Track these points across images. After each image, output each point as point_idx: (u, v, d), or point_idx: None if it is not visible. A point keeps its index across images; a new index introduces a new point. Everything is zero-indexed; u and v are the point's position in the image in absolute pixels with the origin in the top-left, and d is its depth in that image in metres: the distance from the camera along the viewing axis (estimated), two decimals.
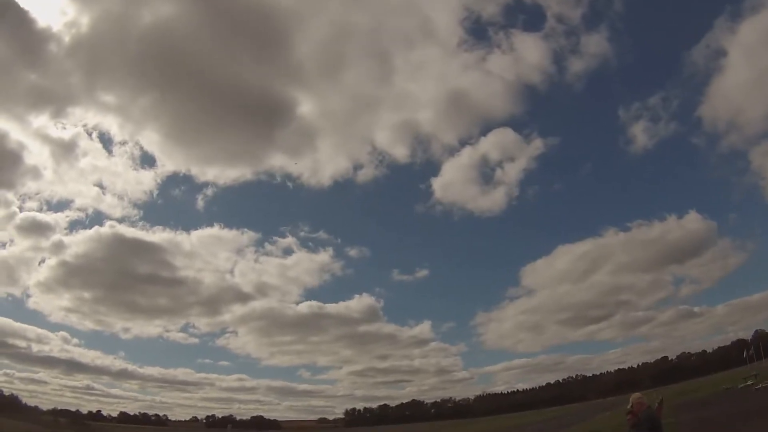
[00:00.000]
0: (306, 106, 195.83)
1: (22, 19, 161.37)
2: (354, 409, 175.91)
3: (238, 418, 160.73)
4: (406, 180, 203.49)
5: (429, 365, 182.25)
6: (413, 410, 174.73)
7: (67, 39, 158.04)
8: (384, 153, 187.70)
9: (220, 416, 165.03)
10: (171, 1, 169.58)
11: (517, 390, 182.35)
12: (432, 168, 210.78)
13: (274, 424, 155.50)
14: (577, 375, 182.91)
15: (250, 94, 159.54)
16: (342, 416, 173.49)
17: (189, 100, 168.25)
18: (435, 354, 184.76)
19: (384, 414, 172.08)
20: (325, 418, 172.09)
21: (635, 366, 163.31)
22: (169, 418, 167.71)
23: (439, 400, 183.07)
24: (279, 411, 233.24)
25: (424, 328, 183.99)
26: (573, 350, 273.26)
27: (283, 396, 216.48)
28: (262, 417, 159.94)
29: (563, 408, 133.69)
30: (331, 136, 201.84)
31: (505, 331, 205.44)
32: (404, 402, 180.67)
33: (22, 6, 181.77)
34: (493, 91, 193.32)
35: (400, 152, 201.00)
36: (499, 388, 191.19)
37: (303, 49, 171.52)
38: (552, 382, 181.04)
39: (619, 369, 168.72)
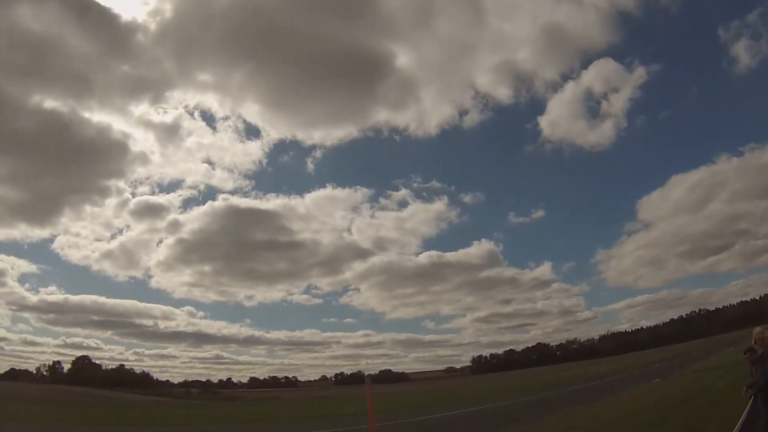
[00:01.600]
0: (403, 58, 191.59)
1: (106, 15, 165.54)
2: (480, 356, 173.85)
3: (366, 373, 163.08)
4: (513, 121, 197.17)
5: (552, 307, 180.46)
6: (539, 353, 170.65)
7: (153, 27, 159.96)
8: (487, 96, 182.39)
9: (348, 373, 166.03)
10: None
11: (641, 328, 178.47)
12: (537, 106, 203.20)
13: (402, 376, 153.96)
14: (700, 309, 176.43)
15: (345, 53, 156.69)
16: (469, 364, 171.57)
17: (284, 67, 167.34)
18: (557, 295, 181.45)
19: (510, 359, 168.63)
20: (452, 368, 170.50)
21: (758, 297, 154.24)
22: (299, 379, 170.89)
23: (564, 341, 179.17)
24: (406, 363, 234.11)
25: (544, 270, 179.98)
26: (694, 284, 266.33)
27: (409, 348, 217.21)
28: (390, 371, 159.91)
29: (688, 344, 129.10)
30: (432, 85, 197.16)
31: (625, 267, 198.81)
32: (529, 346, 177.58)
33: (103, 4, 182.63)
34: (588, 21, 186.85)
35: (503, 93, 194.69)
36: (623, 326, 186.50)
37: (391, 0, 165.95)
38: (675, 317, 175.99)
39: (742, 301, 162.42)
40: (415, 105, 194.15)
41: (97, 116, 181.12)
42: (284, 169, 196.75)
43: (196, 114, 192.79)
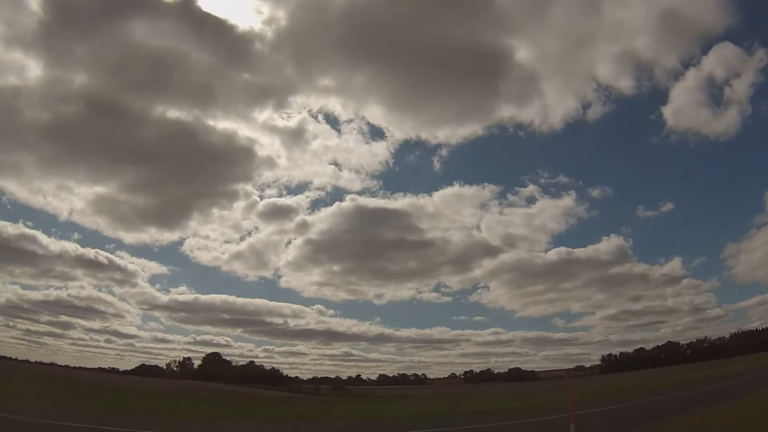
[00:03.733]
0: (522, 53, 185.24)
1: (222, 27, 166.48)
2: (610, 354, 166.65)
3: (495, 371, 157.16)
4: (636, 112, 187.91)
5: (682, 304, 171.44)
6: (668, 352, 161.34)
7: (269, 35, 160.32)
8: (609, 87, 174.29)
9: (477, 371, 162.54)
10: None
11: None
12: (660, 96, 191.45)
13: (531, 374, 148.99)
14: None
15: (464, 51, 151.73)
16: (598, 363, 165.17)
17: (405, 67, 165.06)
18: (687, 292, 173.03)
19: (640, 357, 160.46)
20: (581, 366, 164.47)
21: None
22: (428, 376, 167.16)
23: (694, 340, 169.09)
24: (536, 362, 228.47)
25: (674, 265, 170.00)
26: None
27: (538, 346, 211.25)
28: (519, 369, 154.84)
29: None
30: (553, 78, 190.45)
31: (755, 262, 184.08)
32: (659, 344, 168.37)
33: (218, 16, 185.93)
34: (704, 4, 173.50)
35: (625, 84, 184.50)
36: (754, 324, 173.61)
37: None
38: None
39: None
40: (539, 99, 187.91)
41: (222, 124, 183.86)
42: (411, 169, 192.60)
43: (320, 117, 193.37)
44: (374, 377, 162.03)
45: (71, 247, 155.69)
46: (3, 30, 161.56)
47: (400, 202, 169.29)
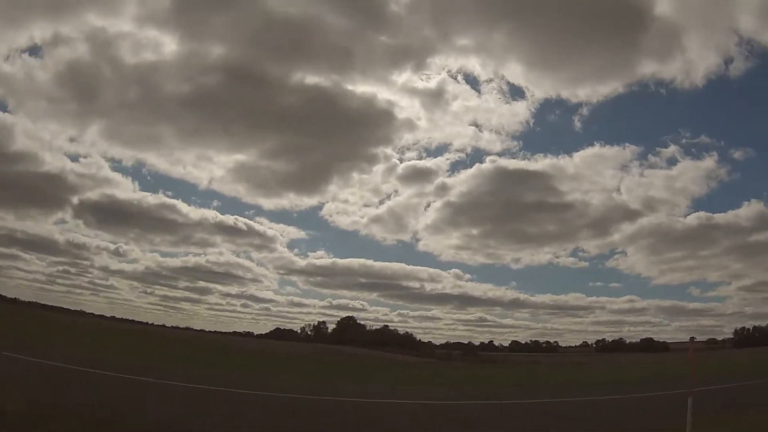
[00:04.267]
0: (662, 5, 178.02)
1: None
2: (743, 328, 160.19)
3: (627, 341, 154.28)
4: None
5: None
6: None
7: None
8: (752, 41, 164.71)
9: (609, 340, 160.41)
10: None
11: None
12: None
13: (662, 346, 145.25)
14: None
15: (604, 5, 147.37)
16: (731, 336, 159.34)
17: (544, 25, 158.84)
18: None
19: None
20: (713, 339, 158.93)
21: None
22: (560, 344, 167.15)
23: None
24: (668, 332, 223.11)
25: None
26: None
27: (672, 316, 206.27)
28: (651, 339, 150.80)
29: None
30: (694, 32, 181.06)
31: None
32: None
33: None
34: None
35: None
36: None
37: None
38: None
39: None
40: (680, 55, 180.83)
41: (361, 87, 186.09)
42: (551, 129, 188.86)
43: (460, 78, 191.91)
44: (506, 343, 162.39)
45: (210, 214, 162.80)
46: (137, 10, 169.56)
47: (541, 163, 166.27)
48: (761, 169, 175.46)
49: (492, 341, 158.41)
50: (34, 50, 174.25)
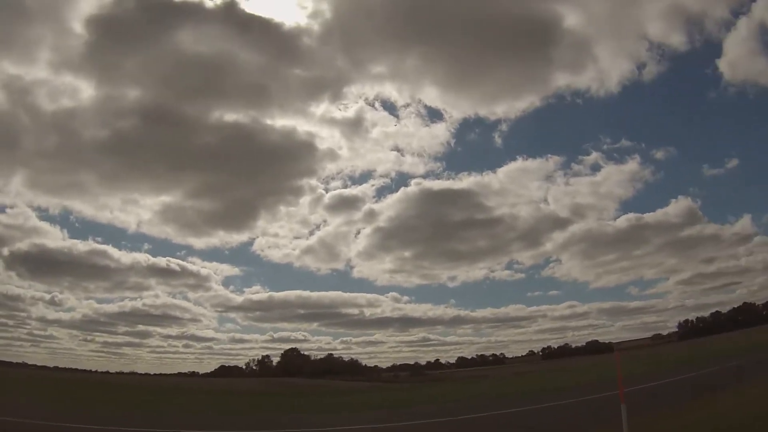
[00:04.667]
0: (571, 18, 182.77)
1: (268, 26, 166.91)
2: (686, 320, 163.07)
3: (573, 345, 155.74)
4: (691, 68, 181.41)
5: (755, 263, 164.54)
6: (745, 314, 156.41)
7: (316, 28, 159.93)
8: (662, 45, 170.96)
9: (555, 346, 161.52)
10: None
11: None
12: (713, 49, 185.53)
13: (608, 347, 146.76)
14: None
15: (513, 23, 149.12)
16: (675, 330, 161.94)
17: (455, 46, 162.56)
18: (760, 249, 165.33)
19: (716, 321, 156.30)
20: (659, 334, 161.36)
21: None
22: (506, 355, 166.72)
23: None
24: (613, 333, 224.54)
25: (744, 223, 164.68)
26: None
27: (614, 317, 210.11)
28: (597, 341, 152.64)
29: None
30: (604, 41, 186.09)
31: None
32: (735, 306, 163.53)
33: (263, 15, 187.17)
34: None
35: (677, 40, 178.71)
36: None
37: None
38: None
39: None
40: (593, 65, 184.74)
41: (280, 121, 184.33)
42: (472, 147, 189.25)
43: (377, 104, 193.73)
44: (453, 360, 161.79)
45: (142, 257, 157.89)
46: (51, 56, 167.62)
47: (465, 181, 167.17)
48: (683, 166, 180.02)
49: (438, 359, 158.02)
50: None
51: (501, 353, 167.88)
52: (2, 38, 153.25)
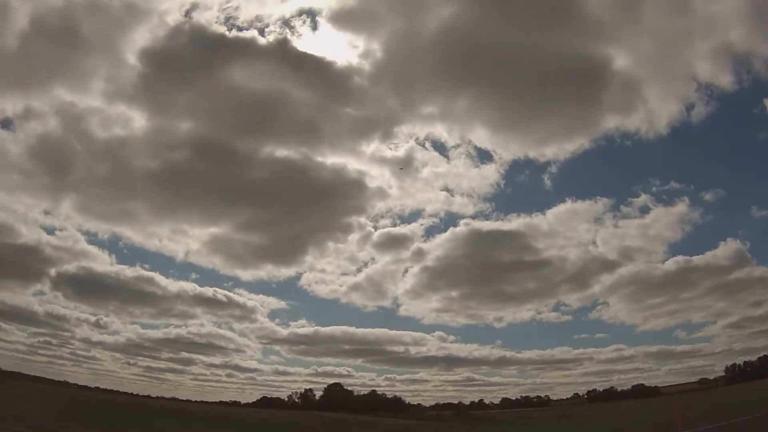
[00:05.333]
0: (620, 60, 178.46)
1: (320, 65, 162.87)
2: (734, 364, 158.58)
3: (619, 389, 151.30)
4: (740, 108, 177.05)
5: None
6: None
7: (367, 68, 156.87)
8: (710, 86, 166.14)
9: (601, 389, 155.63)
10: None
11: None
12: (761, 88, 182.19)
13: (654, 390, 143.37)
14: None
15: (563, 65, 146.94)
16: (722, 374, 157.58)
17: (506, 88, 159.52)
18: None
19: (764, 365, 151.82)
20: (705, 378, 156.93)
21: None
22: (551, 397, 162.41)
23: None
24: (659, 377, 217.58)
25: None
26: None
27: (661, 360, 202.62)
28: (642, 385, 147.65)
29: None
30: (654, 82, 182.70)
31: None
32: None
33: (315, 54, 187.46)
34: None
35: (725, 80, 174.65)
36: None
37: (593, 2, 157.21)
38: None
39: None
40: (642, 106, 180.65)
41: (331, 159, 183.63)
42: (522, 188, 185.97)
43: (427, 144, 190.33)
44: (497, 401, 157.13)
45: (189, 286, 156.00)
46: (105, 85, 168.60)
47: (514, 222, 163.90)
48: (732, 208, 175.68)
49: (482, 399, 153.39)
50: (6, 123, 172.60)
51: (546, 395, 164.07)
52: (59, 66, 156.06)
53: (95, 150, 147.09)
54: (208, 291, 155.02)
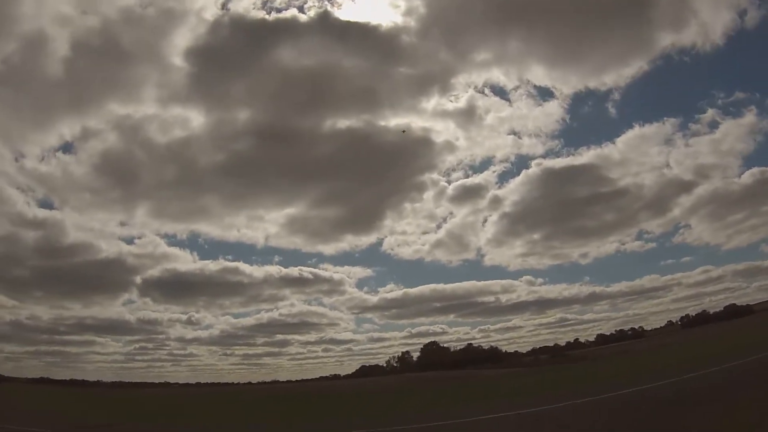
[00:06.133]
0: None
1: (366, 30, 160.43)
2: None
3: (711, 311, 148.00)
4: None
5: None
6: None
7: (412, 25, 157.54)
8: None
9: (693, 314, 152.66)
10: None
11: None
12: None
13: (747, 309, 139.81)
14: None
15: None
16: None
17: (555, 21, 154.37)
18: None
19: None
20: None
21: None
22: (645, 328, 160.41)
23: None
24: (750, 294, 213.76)
25: None
26: None
27: (750, 278, 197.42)
28: (734, 305, 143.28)
29: None
30: None
31: None
32: None
33: (359, 21, 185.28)
34: None
35: None
36: None
37: None
38: None
39: None
40: (694, 19, 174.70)
41: (393, 121, 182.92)
42: (587, 120, 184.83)
43: (487, 91, 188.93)
44: (592, 338, 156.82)
45: (274, 270, 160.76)
46: (157, 92, 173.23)
47: (585, 156, 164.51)
48: None
49: (577, 339, 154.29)
50: (66, 147, 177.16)
51: (639, 326, 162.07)
52: (107, 83, 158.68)
53: (159, 155, 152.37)
54: (293, 271, 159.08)
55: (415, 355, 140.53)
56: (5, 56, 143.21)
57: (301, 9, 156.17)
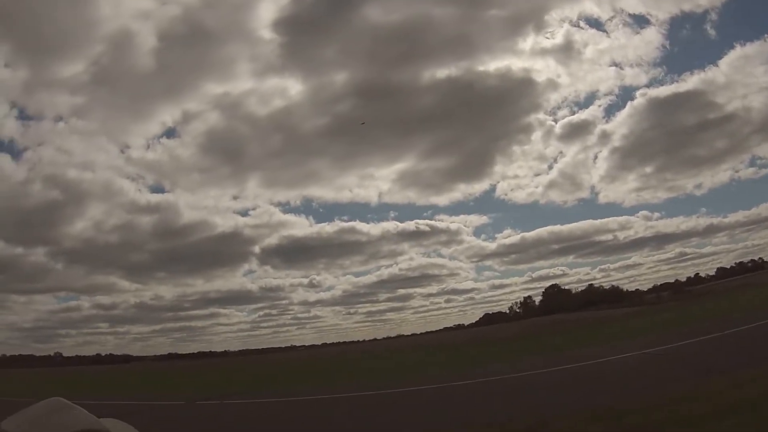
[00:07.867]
0: None
1: None
2: None
3: None
4: None
5: None
6: None
7: None
8: None
9: None
10: None
11: None
12: None
13: None
14: None
15: None
16: None
17: None
18: None
19: None
20: None
21: None
22: (765, 259, 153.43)
23: None
24: None
25: None
26: None
27: None
28: None
29: None
30: None
31: None
32: None
33: None
34: None
35: None
36: None
37: None
38: None
39: None
40: None
41: (492, 65, 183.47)
42: (688, 44, 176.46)
43: (582, 24, 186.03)
44: (712, 272, 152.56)
45: (391, 226, 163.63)
46: (251, 66, 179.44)
47: (690, 81, 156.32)
48: None
49: (698, 273, 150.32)
50: (169, 132, 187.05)
51: (759, 258, 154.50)
52: (200, 65, 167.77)
53: (262, 127, 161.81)
54: (410, 225, 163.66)
55: (537, 299, 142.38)
56: (95, 58, 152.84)
57: None
